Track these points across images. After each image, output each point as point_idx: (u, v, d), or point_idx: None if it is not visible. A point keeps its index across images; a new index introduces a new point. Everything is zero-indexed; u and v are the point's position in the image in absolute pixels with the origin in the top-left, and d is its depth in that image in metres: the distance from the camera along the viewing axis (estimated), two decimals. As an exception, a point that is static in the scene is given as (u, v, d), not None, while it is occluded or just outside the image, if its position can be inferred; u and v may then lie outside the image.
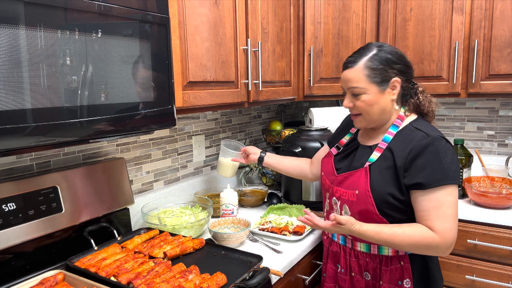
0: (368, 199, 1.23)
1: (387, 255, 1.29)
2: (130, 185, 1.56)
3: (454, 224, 1.18)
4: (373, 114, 1.27)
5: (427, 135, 1.21)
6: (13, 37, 0.85)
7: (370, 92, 1.24)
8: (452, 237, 1.17)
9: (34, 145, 0.93)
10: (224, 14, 1.57)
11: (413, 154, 1.19)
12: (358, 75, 1.24)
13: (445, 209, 1.16)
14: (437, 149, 1.18)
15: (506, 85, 1.98)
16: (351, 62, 1.26)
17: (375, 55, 1.24)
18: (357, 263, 1.34)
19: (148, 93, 1.20)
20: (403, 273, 1.27)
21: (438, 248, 1.17)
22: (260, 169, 2.24)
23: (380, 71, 1.23)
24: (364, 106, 1.26)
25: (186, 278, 1.12)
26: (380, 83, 1.24)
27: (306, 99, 2.26)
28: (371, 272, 1.32)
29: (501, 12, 1.94)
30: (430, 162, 1.17)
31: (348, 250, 1.37)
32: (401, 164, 1.21)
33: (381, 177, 1.23)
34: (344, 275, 1.38)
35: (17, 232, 1.18)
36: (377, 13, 2.23)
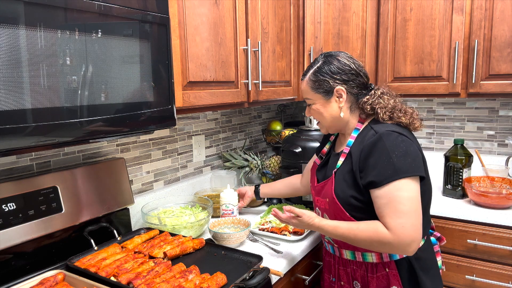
0: (336, 205, 1.26)
1: (372, 262, 1.28)
2: (130, 185, 1.56)
3: (408, 220, 1.13)
4: (325, 121, 1.35)
5: (375, 132, 1.21)
6: (13, 37, 0.85)
7: (317, 102, 1.33)
8: (406, 234, 1.12)
9: (34, 145, 0.93)
10: (224, 14, 1.57)
11: (364, 154, 1.21)
12: (305, 88, 1.35)
13: (396, 205, 1.13)
14: (385, 144, 1.17)
15: (506, 85, 1.98)
16: (303, 75, 1.37)
17: (318, 68, 1.31)
18: (345, 272, 1.36)
19: (148, 93, 1.20)
20: (389, 280, 1.26)
21: (391, 245, 1.14)
22: (260, 169, 2.24)
23: (321, 83, 1.30)
24: (315, 114, 1.36)
25: (186, 278, 1.12)
26: (324, 93, 1.31)
27: (306, 99, 2.26)
28: (360, 281, 1.32)
29: (501, 12, 1.94)
30: (379, 159, 1.17)
31: (337, 258, 1.38)
32: (356, 166, 1.23)
33: (344, 182, 1.26)
34: (334, 284, 1.40)
35: (17, 232, 1.18)
36: (377, 13, 2.23)
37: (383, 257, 1.26)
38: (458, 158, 2.02)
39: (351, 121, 1.33)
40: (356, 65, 1.31)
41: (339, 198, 1.25)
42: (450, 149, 2.08)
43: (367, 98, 1.30)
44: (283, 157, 2.05)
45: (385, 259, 1.26)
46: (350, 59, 1.32)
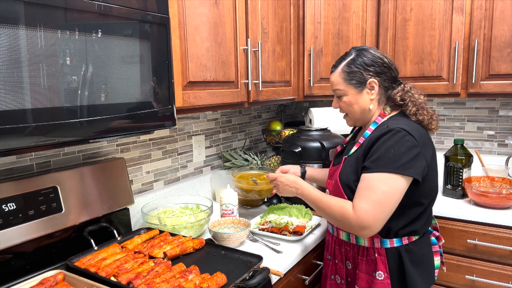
0: (338, 187, 1.35)
1: (363, 245, 1.35)
2: (130, 185, 1.56)
3: (373, 210, 1.18)
4: (355, 113, 1.39)
5: (386, 127, 1.27)
6: (13, 37, 0.85)
7: (349, 93, 1.36)
8: (366, 219, 1.19)
9: (34, 145, 0.93)
10: (224, 14, 1.57)
11: (370, 143, 1.28)
12: (337, 79, 1.38)
13: (369, 192, 1.20)
14: (389, 139, 1.23)
15: (506, 85, 1.98)
16: (333, 67, 1.41)
17: (352, 60, 1.35)
18: (339, 251, 1.44)
19: (148, 93, 1.20)
20: (376, 265, 1.32)
21: (349, 222, 1.22)
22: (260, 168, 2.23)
23: (355, 74, 1.34)
24: (345, 106, 1.39)
25: (186, 278, 1.12)
26: (357, 84, 1.35)
27: (306, 99, 2.26)
28: (352, 261, 1.40)
29: (501, 12, 1.94)
30: (378, 149, 1.24)
31: (334, 238, 1.47)
32: (361, 153, 1.31)
33: (349, 167, 1.34)
34: (330, 261, 1.49)
35: (17, 232, 1.18)
36: (377, 13, 2.23)
37: (374, 242, 1.33)
38: (458, 158, 2.02)
39: (375, 115, 1.39)
40: (388, 59, 1.37)
41: (341, 181, 1.34)
42: (450, 149, 2.08)
43: (397, 90, 1.36)
44: (283, 157, 2.05)
45: (376, 244, 1.33)
46: (382, 53, 1.38)
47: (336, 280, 1.46)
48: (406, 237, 1.32)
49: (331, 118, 2.30)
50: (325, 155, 1.89)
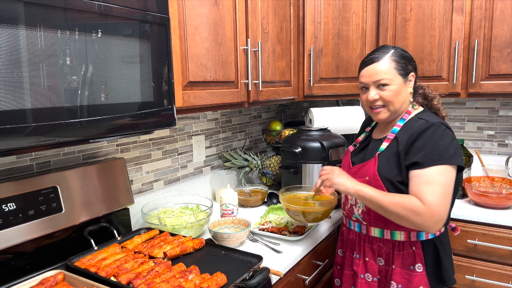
0: (377, 182, 1.35)
1: (400, 240, 1.37)
2: (130, 185, 1.56)
3: (442, 202, 1.23)
4: (397, 104, 1.39)
5: (426, 121, 1.32)
6: (13, 37, 0.85)
7: (396, 83, 1.37)
8: (438, 212, 1.22)
9: (34, 145, 0.93)
10: (224, 14, 1.57)
11: (412, 138, 1.31)
12: (386, 67, 1.37)
13: (434, 186, 1.23)
14: (434, 132, 1.29)
15: (506, 85, 1.98)
16: (376, 57, 1.39)
17: (396, 52, 1.39)
18: (370, 249, 1.44)
19: (148, 93, 1.20)
20: (415, 258, 1.35)
21: (422, 216, 1.22)
22: (260, 169, 2.24)
23: (402, 65, 1.38)
24: (390, 96, 1.37)
25: (186, 278, 1.12)
26: (404, 75, 1.38)
27: (306, 99, 2.26)
28: (384, 257, 1.41)
29: (501, 12, 1.94)
30: (426, 144, 1.28)
31: (363, 236, 1.46)
32: (402, 149, 1.33)
33: (387, 163, 1.36)
34: (358, 260, 1.46)
35: (17, 232, 1.18)
36: (377, 13, 2.23)
37: (410, 236, 1.36)
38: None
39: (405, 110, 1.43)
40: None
41: (381, 176, 1.35)
42: (450, 149, 2.08)
43: (423, 88, 1.46)
44: (283, 157, 2.05)
45: (412, 238, 1.36)
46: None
47: (366, 279, 1.44)
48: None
49: (331, 118, 2.30)
50: (325, 155, 1.89)
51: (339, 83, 2.25)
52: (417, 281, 1.33)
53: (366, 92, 1.42)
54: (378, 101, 1.39)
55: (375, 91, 1.39)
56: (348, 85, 2.25)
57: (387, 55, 1.38)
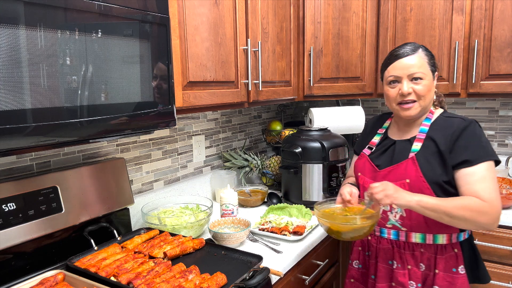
0: (422, 184, 1.30)
1: (442, 243, 1.33)
2: (130, 185, 1.56)
3: (498, 197, 1.24)
4: (427, 100, 1.36)
5: (463, 119, 1.32)
6: (13, 37, 0.85)
7: (428, 79, 1.35)
8: (498, 207, 1.23)
9: (34, 145, 0.93)
10: (224, 14, 1.57)
11: (455, 137, 1.29)
12: (421, 61, 1.34)
13: (488, 183, 1.24)
14: (474, 130, 1.30)
15: (506, 85, 1.98)
16: (410, 50, 1.35)
17: (424, 48, 1.37)
18: (412, 256, 1.36)
19: (148, 93, 1.20)
20: (457, 260, 1.33)
21: (488, 215, 1.21)
22: (260, 169, 2.24)
23: (432, 62, 1.37)
24: (424, 90, 1.34)
25: (186, 278, 1.12)
26: (433, 71, 1.37)
27: (306, 99, 2.27)
28: (426, 263, 1.35)
29: (501, 12, 1.94)
30: (471, 141, 1.28)
31: (401, 244, 1.38)
32: (445, 148, 1.30)
33: (428, 163, 1.32)
34: (402, 269, 1.37)
35: (17, 232, 1.18)
36: (377, 13, 2.23)
37: (452, 238, 1.33)
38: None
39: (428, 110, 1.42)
40: None
41: (427, 177, 1.30)
42: (450, 149, 2.08)
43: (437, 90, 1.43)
44: (283, 157, 2.05)
45: (453, 240, 1.34)
46: None
47: (410, 286, 1.36)
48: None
49: (331, 118, 2.30)
50: (325, 155, 1.89)
51: (339, 83, 2.25)
52: (460, 284, 1.31)
53: (394, 86, 1.36)
54: (410, 96, 1.34)
55: (408, 84, 1.34)
56: (348, 85, 2.25)
57: (420, 49, 1.35)
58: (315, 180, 1.91)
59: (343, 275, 2.00)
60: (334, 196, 1.86)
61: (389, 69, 1.38)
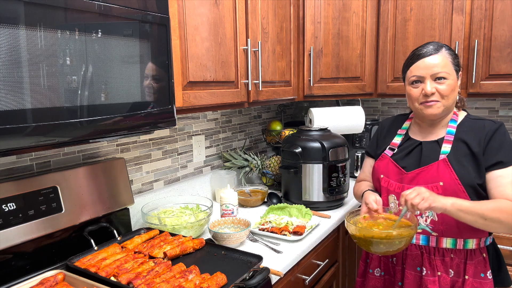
0: (457, 186, 1.28)
1: (471, 248, 1.32)
2: (130, 185, 1.56)
3: None
4: (451, 100, 1.34)
5: (494, 122, 1.32)
6: (13, 37, 0.85)
7: (452, 78, 1.33)
8: None
9: (34, 145, 0.93)
10: (224, 14, 1.57)
11: (487, 138, 1.29)
12: (445, 61, 1.32)
13: None
14: (505, 131, 1.31)
15: (506, 85, 1.98)
16: (434, 50, 1.33)
17: (448, 47, 1.35)
18: (442, 262, 1.34)
19: (148, 93, 1.20)
20: (485, 265, 1.32)
21: None
22: (260, 169, 2.24)
23: (456, 61, 1.35)
24: (447, 90, 1.31)
25: (186, 278, 1.12)
26: (457, 71, 1.35)
27: (306, 99, 2.27)
28: (455, 269, 1.33)
29: (501, 12, 1.94)
30: (503, 143, 1.28)
31: (432, 249, 1.35)
32: (478, 150, 1.29)
33: (462, 166, 1.29)
34: (432, 276, 1.33)
35: (17, 232, 1.18)
36: (377, 13, 2.23)
37: (480, 242, 1.32)
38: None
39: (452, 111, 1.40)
40: None
41: (462, 180, 1.27)
42: (450, 149, 2.08)
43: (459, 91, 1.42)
44: (283, 157, 2.05)
45: (482, 244, 1.32)
46: None
47: None
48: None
49: (331, 118, 2.30)
50: (325, 155, 1.89)
51: (339, 83, 2.25)
52: None
53: (417, 86, 1.34)
54: (434, 96, 1.32)
55: (432, 84, 1.31)
56: (348, 85, 2.25)
57: (443, 48, 1.33)
58: (315, 180, 1.91)
59: (343, 275, 2.00)
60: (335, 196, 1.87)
61: (412, 68, 1.35)
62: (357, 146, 2.48)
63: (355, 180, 1.71)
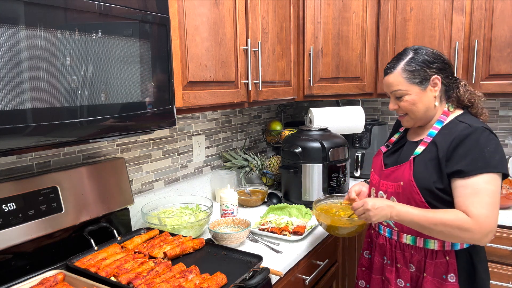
0: (412, 188, 1.28)
1: (433, 248, 1.31)
2: (130, 185, 1.56)
3: (491, 213, 1.17)
4: (417, 112, 1.34)
5: (469, 126, 1.25)
6: (13, 37, 0.85)
7: (411, 93, 1.32)
8: (488, 224, 1.16)
9: (34, 145, 0.93)
10: (224, 14, 1.57)
11: (454, 144, 1.24)
12: (397, 79, 1.32)
13: (482, 197, 1.18)
14: (479, 138, 1.21)
15: (506, 85, 1.98)
16: (389, 68, 1.35)
17: (412, 59, 1.32)
18: (402, 255, 1.37)
19: (148, 93, 1.20)
20: (448, 268, 1.29)
21: (471, 232, 1.17)
22: (260, 169, 2.24)
23: (418, 72, 1.31)
24: (407, 105, 1.33)
25: (186, 278, 1.12)
26: (420, 82, 1.31)
27: (306, 99, 2.27)
28: (416, 264, 1.34)
29: (501, 12, 1.94)
30: (471, 150, 1.21)
31: (394, 242, 1.39)
32: (443, 155, 1.25)
33: (425, 168, 1.28)
34: (390, 266, 1.40)
35: (17, 232, 1.18)
36: (377, 13, 2.23)
37: (445, 245, 1.29)
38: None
39: (438, 113, 1.36)
40: (446, 57, 1.36)
41: (418, 182, 1.28)
42: (450, 149, 2.08)
43: (463, 90, 1.34)
44: (283, 157, 2.05)
45: (447, 247, 1.29)
46: (438, 51, 1.36)
47: (398, 284, 1.38)
48: None
49: (331, 118, 2.30)
50: (325, 155, 1.89)
51: (339, 83, 2.25)
52: None
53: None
54: (399, 110, 1.37)
55: (394, 101, 1.37)
56: (348, 85, 2.25)
57: (400, 65, 1.32)
58: (315, 180, 1.91)
59: (343, 275, 2.00)
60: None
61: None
62: (357, 146, 2.48)
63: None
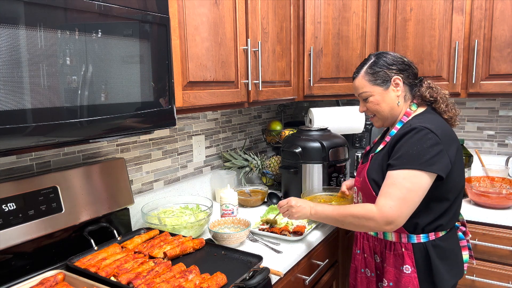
0: (366, 184, 1.39)
1: (391, 240, 1.39)
2: (130, 185, 1.56)
3: (397, 206, 1.23)
4: (383, 112, 1.43)
5: (410, 125, 1.31)
6: (13, 37, 0.85)
7: (375, 93, 1.42)
8: (390, 214, 1.24)
9: (34, 145, 0.93)
10: (224, 14, 1.57)
11: (394, 141, 1.32)
12: (362, 82, 1.44)
13: (394, 189, 1.25)
14: (412, 137, 1.27)
15: (506, 85, 1.98)
16: (355, 73, 1.47)
17: (373, 62, 1.42)
18: (368, 246, 1.48)
19: (148, 93, 1.20)
20: (404, 259, 1.35)
21: (374, 220, 1.26)
22: (260, 169, 2.24)
23: (379, 74, 1.41)
24: (373, 106, 1.44)
25: (186, 278, 1.12)
26: (382, 83, 1.41)
27: (306, 99, 2.27)
28: (380, 255, 1.45)
29: (501, 12, 1.94)
30: (402, 147, 1.28)
31: (362, 233, 1.51)
32: (386, 152, 1.35)
33: (376, 165, 1.38)
34: (359, 255, 1.52)
35: (17, 232, 1.18)
36: (377, 13, 2.23)
37: (401, 237, 1.37)
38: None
39: (401, 113, 1.43)
40: (407, 59, 1.45)
41: (369, 177, 1.38)
42: (450, 149, 2.08)
43: (424, 87, 1.42)
44: (283, 157, 2.05)
45: (403, 239, 1.36)
46: (400, 55, 1.46)
47: (366, 273, 1.50)
48: (433, 232, 1.35)
49: (331, 118, 2.30)
50: (325, 155, 1.89)
51: (339, 83, 2.25)
52: (404, 282, 1.33)
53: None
54: (368, 112, 1.48)
55: (362, 104, 1.48)
56: (348, 85, 2.25)
57: (363, 69, 1.43)
58: (315, 180, 1.91)
59: (343, 275, 2.00)
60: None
61: None
62: (357, 146, 2.47)
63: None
